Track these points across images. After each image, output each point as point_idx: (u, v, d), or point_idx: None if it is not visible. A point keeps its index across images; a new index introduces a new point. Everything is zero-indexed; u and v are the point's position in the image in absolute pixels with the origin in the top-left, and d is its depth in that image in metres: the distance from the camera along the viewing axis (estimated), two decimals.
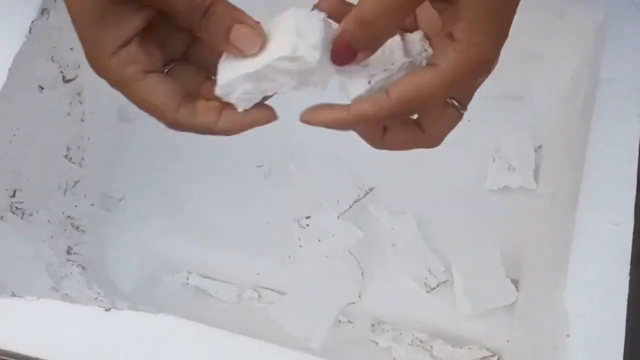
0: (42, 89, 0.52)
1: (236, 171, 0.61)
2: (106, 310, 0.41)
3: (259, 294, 0.57)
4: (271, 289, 0.57)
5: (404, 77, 0.31)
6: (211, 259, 0.58)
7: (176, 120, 0.33)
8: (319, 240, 0.57)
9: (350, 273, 0.56)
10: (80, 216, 0.56)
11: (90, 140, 0.58)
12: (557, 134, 0.58)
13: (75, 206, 0.56)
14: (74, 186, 0.56)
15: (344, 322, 0.56)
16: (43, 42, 0.51)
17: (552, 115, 0.59)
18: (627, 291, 0.42)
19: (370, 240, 0.57)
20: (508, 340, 0.54)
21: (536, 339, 0.48)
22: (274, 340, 0.42)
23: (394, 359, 0.54)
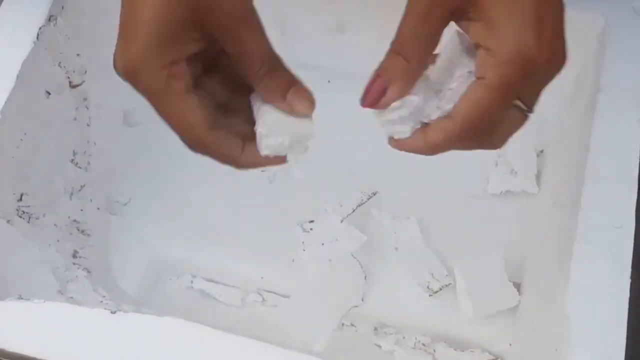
0: (49, 94, 0.52)
1: (240, 176, 0.61)
2: (112, 312, 0.42)
3: (263, 298, 0.57)
4: (275, 293, 0.58)
5: (462, 99, 0.32)
6: (215, 263, 0.58)
7: (204, 143, 0.34)
8: (322, 244, 0.57)
9: (354, 277, 0.56)
10: (86, 220, 0.57)
11: (96, 145, 0.58)
12: (559, 138, 0.58)
13: (81, 210, 0.56)
14: (80, 190, 0.57)
15: (347, 326, 0.56)
16: (50, 48, 0.51)
17: (554, 119, 0.59)
18: (628, 294, 0.42)
19: (374, 244, 0.57)
20: (510, 344, 0.54)
21: (538, 342, 0.48)
22: (277, 344, 0.42)
23: None
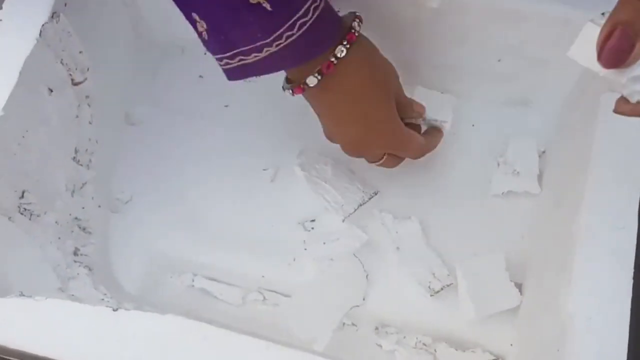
0: (51, 91, 0.52)
1: (242, 174, 0.61)
2: (114, 310, 0.42)
3: (264, 297, 0.57)
4: (276, 292, 0.57)
5: None
6: (216, 262, 0.58)
7: (424, 147, 0.55)
8: (324, 243, 0.57)
9: (355, 276, 0.56)
10: (87, 218, 0.57)
11: (98, 142, 0.58)
12: (562, 139, 0.58)
13: (83, 208, 0.56)
14: (81, 188, 0.57)
15: (348, 325, 0.56)
16: (53, 45, 0.51)
17: (556, 120, 0.59)
18: (630, 295, 0.42)
19: (375, 243, 0.57)
20: (512, 344, 0.54)
21: (540, 343, 0.48)
22: (278, 343, 0.42)
23: None
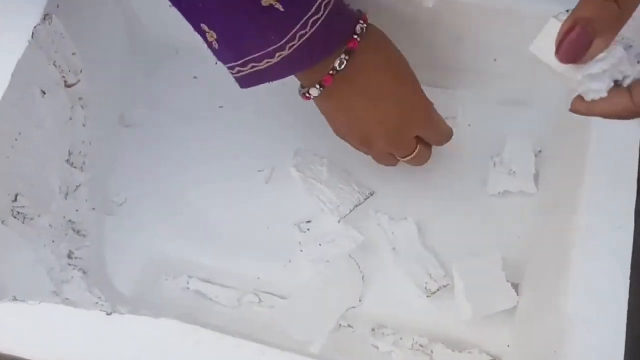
0: (44, 93, 0.52)
1: (237, 176, 0.61)
2: (108, 314, 0.41)
3: (260, 298, 0.57)
4: (271, 293, 0.57)
5: None
6: (212, 263, 0.58)
7: (450, 130, 0.55)
8: (319, 244, 0.57)
9: (351, 277, 0.56)
10: (81, 220, 0.56)
11: (91, 144, 0.58)
12: (558, 138, 0.58)
13: (77, 210, 0.56)
14: (75, 190, 0.56)
15: (344, 326, 0.56)
16: (45, 47, 0.51)
17: (552, 120, 0.59)
18: (627, 295, 0.42)
19: (371, 244, 0.57)
20: (508, 345, 0.54)
21: (537, 343, 0.48)
22: (273, 345, 0.42)
23: None
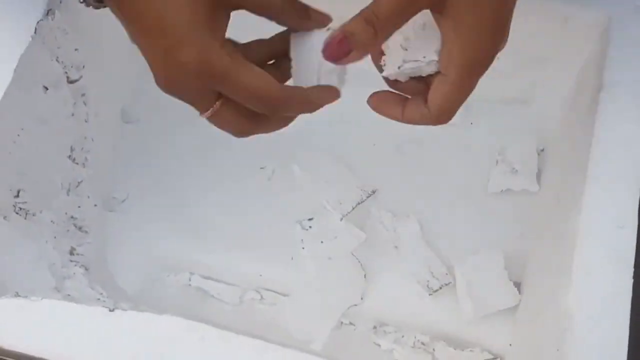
0: (47, 89, 0.52)
1: (239, 173, 0.61)
2: (110, 310, 0.41)
3: (262, 296, 0.57)
4: (273, 291, 0.57)
5: (432, 91, 0.36)
6: (213, 261, 0.58)
7: (283, 96, 0.36)
8: (321, 242, 0.57)
9: (353, 275, 0.56)
10: (83, 217, 0.56)
11: (93, 141, 0.58)
12: (560, 137, 0.58)
13: (79, 207, 0.56)
14: (77, 187, 0.56)
15: (346, 324, 0.56)
16: (48, 43, 0.51)
17: (555, 118, 0.59)
18: (630, 294, 0.42)
19: (373, 242, 0.57)
20: (510, 344, 0.54)
21: (538, 342, 0.48)
22: (275, 342, 0.42)
23: None
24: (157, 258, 0.58)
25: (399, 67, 0.37)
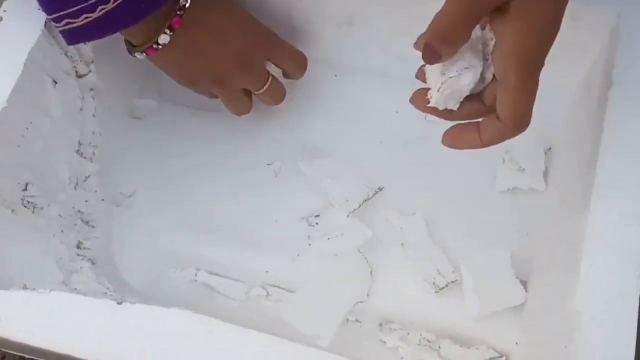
0: (56, 83, 0.52)
1: (246, 169, 0.61)
2: (118, 303, 0.41)
3: (267, 292, 0.57)
4: (279, 287, 0.57)
5: (498, 103, 0.38)
6: (220, 256, 0.58)
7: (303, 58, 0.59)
8: (328, 238, 0.57)
9: (359, 272, 0.56)
10: (90, 211, 0.56)
11: (101, 135, 0.58)
12: (568, 136, 0.57)
13: (86, 201, 0.56)
14: (84, 181, 0.56)
15: (351, 321, 0.56)
16: (58, 37, 0.51)
17: (562, 117, 0.59)
18: (638, 292, 0.42)
19: (380, 239, 0.57)
20: (516, 342, 0.54)
21: (546, 340, 0.48)
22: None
23: (401, 358, 0.54)
24: (163, 253, 0.58)
25: (438, 89, 0.39)
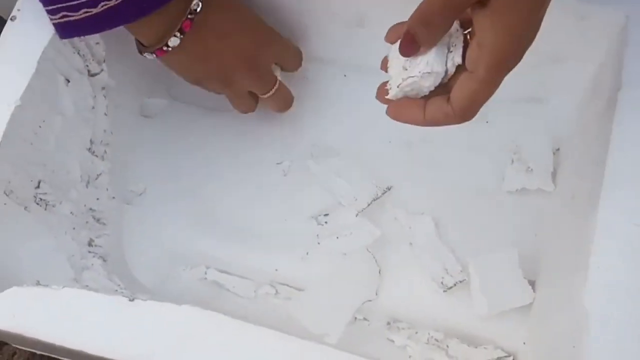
0: (68, 82, 0.52)
1: (256, 168, 0.61)
2: (130, 300, 0.42)
3: (276, 290, 0.57)
4: (288, 285, 0.57)
5: (457, 90, 0.38)
6: (229, 255, 0.58)
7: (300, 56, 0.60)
8: (337, 237, 0.57)
9: (368, 271, 0.56)
10: (101, 209, 0.57)
11: (112, 134, 0.58)
12: (576, 136, 0.57)
13: (97, 199, 0.57)
14: (96, 179, 0.57)
15: (360, 320, 0.56)
16: None
17: (571, 117, 0.59)
18: None
19: (388, 238, 0.57)
20: (524, 342, 0.54)
21: (554, 339, 0.48)
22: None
23: (409, 357, 0.54)
24: (173, 251, 0.59)
25: (398, 85, 0.41)
